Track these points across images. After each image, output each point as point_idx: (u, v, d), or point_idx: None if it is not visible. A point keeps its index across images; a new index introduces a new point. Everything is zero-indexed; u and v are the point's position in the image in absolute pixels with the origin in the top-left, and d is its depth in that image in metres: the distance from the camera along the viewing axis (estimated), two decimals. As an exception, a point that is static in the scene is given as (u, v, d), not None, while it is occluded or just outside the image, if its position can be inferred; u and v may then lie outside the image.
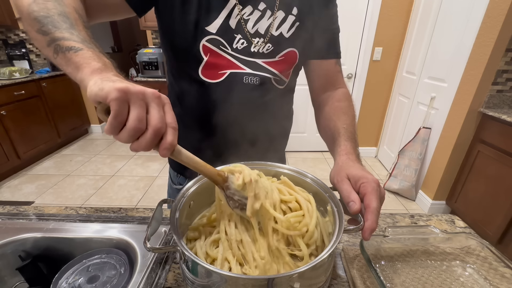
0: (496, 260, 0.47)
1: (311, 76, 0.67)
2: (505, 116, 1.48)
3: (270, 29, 0.56)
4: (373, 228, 0.37)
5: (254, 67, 0.58)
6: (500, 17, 1.49)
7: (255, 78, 0.58)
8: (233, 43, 0.55)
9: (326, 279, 0.37)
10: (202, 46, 0.55)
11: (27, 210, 0.65)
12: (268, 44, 0.57)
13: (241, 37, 0.55)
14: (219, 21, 0.53)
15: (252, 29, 0.56)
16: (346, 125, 0.56)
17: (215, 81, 0.58)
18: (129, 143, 0.29)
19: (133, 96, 0.28)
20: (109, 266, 0.52)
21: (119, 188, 2.34)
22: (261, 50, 0.57)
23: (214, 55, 0.56)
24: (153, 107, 0.29)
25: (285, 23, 0.57)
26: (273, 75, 0.60)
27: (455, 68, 1.79)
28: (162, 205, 0.40)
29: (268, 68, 0.59)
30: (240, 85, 0.58)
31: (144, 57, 2.68)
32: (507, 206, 1.47)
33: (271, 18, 0.56)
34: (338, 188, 0.43)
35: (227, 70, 0.57)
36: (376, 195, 0.39)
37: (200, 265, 0.31)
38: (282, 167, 0.50)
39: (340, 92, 0.65)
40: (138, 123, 0.28)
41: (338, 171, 0.45)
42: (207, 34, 0.54)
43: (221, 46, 0.55)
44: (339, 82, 0.66)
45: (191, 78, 0.59)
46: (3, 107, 2.32)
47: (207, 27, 0.53)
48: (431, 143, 2.03)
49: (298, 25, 0.58)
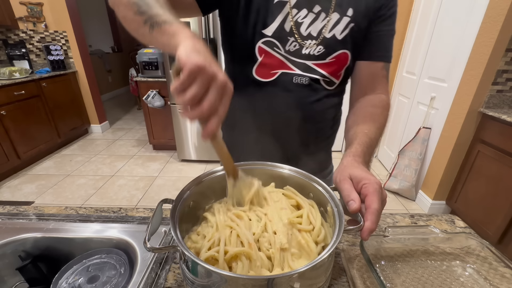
0: (496, 260, 0.47)
1: (354, 77, 0.66)
2: (505, 116, 1.48)
3: (323, 31, 0.57)
4: (372, 229, 0.36)
5: (303, 69, 0.60)
6: (500, 17, 1.49)
7: (304, 79, 0.60)
8: (286, 45, 0.58)
9: (326, 279, 0.37)
10: (258, 47, 0.58)
11: (27, 210, 0.65)
12: (319, 46, 0.58)
13: (294, 39, 0.57)
14: (275, 24, 0.56)
15: (305, 31, 0.57)
16: (367, 131, 0.55)
17: (267, 80, 0.61)
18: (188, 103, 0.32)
19: (204, 75, 0.31)
20: (109, 266, 0.52)
21: (119, 188, 2.34)
22: (311, 52, 0.58)
23: (268, 56, 0.59)
24: (212, 92, 0.32)
25: (339, 24, 0.57)
26: (322, 77, 0.61)
27: (455, 68, 1.79)
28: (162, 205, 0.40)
29: (318, 69, 0.60)
30: (290, 85, 0.61)
31: (144, 57, 2.67)
32: (507, 206, 1.47)
33: (325, 20, 0.57)
34: (339, 187, 0.42)
35: (279, 70, 0.60)
36: (377, 196, 0.39)
37: (200, 265, 0.31)
38: (282, 167, 0.50)
39: (378, 98, 0.63)
40: (191, 99, 0.31)
41: (341, 170, 0.45)
42: (264, 36, 0.57)
43: (275, 47, 0.58)
44: (381, 87, 0.65)
45: (245, 77, 0.62)
46: (3, 107, 2.32)
47: (264, 30, 0.57)
48: (431, 143, 2.03)
49: (353, 26, 0.57)
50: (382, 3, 0.58)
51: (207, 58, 0.32)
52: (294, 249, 0.39)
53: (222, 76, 0.32)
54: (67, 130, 3.12)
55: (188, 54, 0.31)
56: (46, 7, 2.94)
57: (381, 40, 0.61)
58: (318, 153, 0.73)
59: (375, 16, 0.58)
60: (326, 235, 0.41)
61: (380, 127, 0.59)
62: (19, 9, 2.86)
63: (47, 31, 3.05)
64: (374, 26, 0.59)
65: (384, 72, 0.64)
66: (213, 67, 0.31)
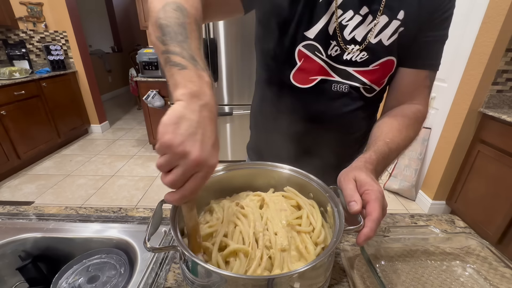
0: (496, 260, 0.47)
1: (394, 83, 0.60)
2: (505, 116, 1.48)
3: (369, 36, 0.53)
4: (369, 236, 0.36)
5: (344, 76, 0.56)
6: (500, 17, 1.49)
7: (344, 86, 0.57)
8: (328, 49, 0.54)
9: (326, 279, 0.37)
10: (298, 51, 0.55)
11: (27, 210, 0.65)
12: (363, 52, 0.54)
13: (336, 43, 0.53)
14: (319, 26, 0.52)
15: (349, 35, 0.53)
16: (389, 140, 0.51)
17: (304, 87, 0.58)
18: None
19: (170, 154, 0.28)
20: (109, 266, 0.52)
21: (119, 188, 2.34)
22: (354, 58, 0.54)
23: (308, 60, 0.55)
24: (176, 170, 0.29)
25: (387, 28, 0.52)
26: (363, 84, 0.57)
27: (455, 68, 1.79)
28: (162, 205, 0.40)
29: (359, 77, 0.56)
30: (328, 92, 0.58)
31: (144, 57, 2.67)
32: (507, 206, 1.47)
33: (371, 24, 0.52)
34: (342, 187, 0.42)
35: (318, 77, 0.57)
36: (379, 204, 0.38)
37: (200, 265, 0.31)
38: (282, 167, 0.50)
39: (414, 108, 0.57)
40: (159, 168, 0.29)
41: (348, 171, 0.44)
42: (305, 39, 0.53)
43: (316, 51, 0.54)
44: (421, 97, 0.58)
45: (281, 82, 0.59)
46: (3, 107, 2.32)
47: (306, 32, 0.53)
48: (431, 143, 2.03)
49: (402, 31, 0.52)
50: (437, 5, 0.51)
51: (184, 133, 0.28)
52: (293, 252, 0.39)
53: (195, 155, 0.28)
54: (67, 130, 3.12)
55: (166, 124, 0.28)
56: (46, 7, 2.94)
57: (430, 46, 0.55)
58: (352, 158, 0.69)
59: (427, 20, 0.52)
60: (326, 236, 0.41)
61: (405, 140, 0.53)
62: (19, 9, 2.86)
63: (47, 31, 3.05)
64: (425, 31, 0.53)
65: (428, 82, 0.58)
66: (185, 145, 0.28)
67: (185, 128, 0.28)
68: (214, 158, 0.30)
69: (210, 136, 0.30)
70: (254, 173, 0.51)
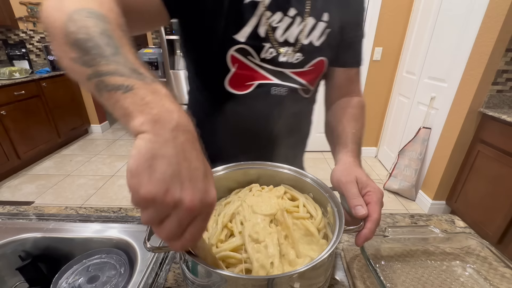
0: (496, 260, 0.47)
1: (331, 82, 0.65)
2: (505, 116, 1.48)
3: (300, 37, 0.54)
4: (369, 237, 0.37)
5: (282, 78, 0.56)
6: (500, 17, 1.49)
7: (283, 89, 0.57)
8: (261, 53, 0.53)
9: (326, 279, 0.37)
10: (231, 56, 0.52)
11: (27, 210, 0.65)
12: (297, 53, 0.55)
13: (270, 46, 0.53)
14: (248, 29, 0.51)
15: (281, 37, 0.53)
16: (355, 130, 0.55)
17: (242, 93, 0.56)
18: None
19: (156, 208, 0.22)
20: (109, 266, 0.52)
21: (119, 188, 2.34)
22: (290, 60, 0.55)
23: (242, 66, 0.54)
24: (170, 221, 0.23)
25: (315, 30, 0.54)
26: (301, 85, 0.58)
27: (455, 68, 1.79)
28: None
29: (296, 78, 0.57)
30: (268, 96, 0.57)
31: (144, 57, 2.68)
32: (507, 206, 1.47)
33: (301, 25, 0.53)
34: (345, 188, 0.42)
35: (255, 81, 0.56)
36: (380, 206, 0.39)
37: (200, 265, 0.31)
38: (282, 167, 0.50)
39: (356, 100, 0.63)
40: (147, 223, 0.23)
41: (347, 170, 0.44)
42: (236, 43, 0.51)
43: (249, 56, 0.53)
44: (356, 91, 0.65)
45: (216, 89, 0.57)
46: (3, 107, 2.32)
47: (235, 35, 0.51)
48: (431, 143, 2.03)
49: (329, 32, 0.55)
50: (353, 9, 0.58)
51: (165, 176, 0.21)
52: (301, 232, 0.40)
53: (188, 202, 0.22)
54: (67, 130, 3.12)
55: (135, 173, 0.21)
56: (46, 7, 2.94)
57: (354, 46, 0.61)
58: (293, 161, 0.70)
59: (347, 21, 0.57)
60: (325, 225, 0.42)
61: (362, 128, 0.58)
62: (19, 9, 2.86)
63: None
64: (347, 32, 0.58)
65: (358, 76, 0.65)
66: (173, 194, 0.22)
67: (163, 170, 0.22)
68: (211, 193, 0.25)
69: (198, 167, 0.24)
70: (254, 173, 0.51)
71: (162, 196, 0.21)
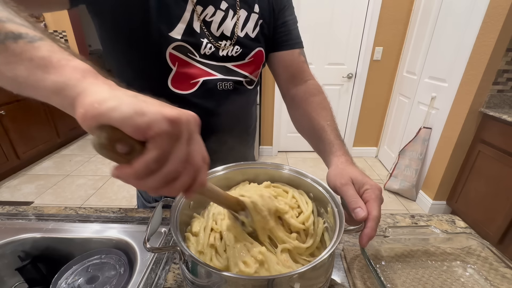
0: (497, 260, 0.47)
1: (275, 70, 0.65)
2: (506, 116, 1.48)
3: (236, 30, 0.55)
4: (372, 236, 0.36)
5: (225, 72, 0.56)
6: (501, 17, 1.48)
7: (229, 83, 0.57)
8: (201, 49, 0.52)
9: (326, 279, 0.37)
10: (169, 54, 0.50)
11: (27, 210, 0.65)
12: (236, 46, 0.56)
13: (208, 41, 0.52)
14: (182, 25, 0.49)
15: (217, 31, 0.53)
16: (329, 122, 0.54)
17: (188, 92, 0.54)
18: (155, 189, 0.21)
19: (184, 128, 0.21)
20: (109, 266, 0.51)
21: (118, 188, 2.34)
22: (229, 53, 0.55)
23: (183, 64, 0.52)
24: (195, 140, 0.23)
25: (249, 22, 0.56)
26: (245, 78, 0.59)
27: (455, 68, 1.79)
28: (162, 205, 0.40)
29: (239, 71, 0.58)
30: (215, 92, 0.56)
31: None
32: (507, 206, 1.47)
33: (234, 18, 0.54)
34: (342, 192, 0.42)
35: (199, 79, 0.54)
36: (379, 203, 0.39)
37: (200, 265, 0.31)
38: (282, 167, 0.50)
39: (311, 85, 0.62)
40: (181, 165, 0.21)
41: (340, 173, 0.44)
42: (172, 40, 0.49)
43: (189, 53, 0.51)
44: (306, 73, 0.64)
45: (158, 91, 0.52)
46: (3, 107, 2.31)
47: (170, 33, 0.49)
48: (432, 143, 2.03)
49: (261, 23, 0.57)
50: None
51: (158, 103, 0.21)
52: None
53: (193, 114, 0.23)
54: (66, 130, 3.11)
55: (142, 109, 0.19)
56: (46, 7, 2.94)
57: (290, 28, 0.61)
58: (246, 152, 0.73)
59: (277, 9, 0.59)
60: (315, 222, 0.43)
61: (332, 112, 0.58)
62: (19, 9, 2.86)
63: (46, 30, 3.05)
64: (280, 18, 0.60)
65: (302, 58, 0.64)
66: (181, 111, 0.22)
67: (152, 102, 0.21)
68: None
69: None
70: (254, 173, 0.51)
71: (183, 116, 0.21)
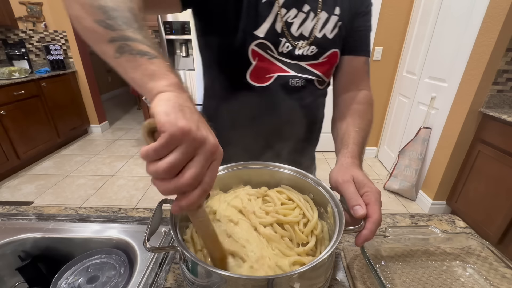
0: (497, 260, 0.47)
1: (337, 72, 0.66)
2: (506, 116, 1.48)
3: (314, 31, 0.57)
4: (369, 238, 0.37)
5: (298, 70, 0.59)
6: (501, 17, 1.48)
7: (300, 81, 0.60)
8: (279, 47, 0.57)
9: (326, 279, 0.37)
10: (251, 50, 0.56)
11: (27, 210, 0.65)
12: (312, 46, 0.58)
13: (286, 40, 0.56)
14: (266, 25, 0.54)
15: (296, 32, 0.57)
16: (358, 129, 0.56)
17: (262, 85, 0.59)
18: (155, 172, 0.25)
19: (189, 142, 0.24)
20: (109, 266, 0.51)
21: (118, 188, 2.34)
22: (305, 52, 0.58)
23: (262, 60, 0.57)
24: (198, 160, 0.25)
25: (328, 23, 0.58)
26: (317, 77, 0.61)
27: (455, 68, 1.79)
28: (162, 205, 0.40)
29: (312, 70, 0.60)
30: (286, 88, 0.60)
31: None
32: (507, 206, 1.47)
33: (314, 20, 0.57)
34: (342, 188, 0.42)
35: (274, 74, 0.58)
36: (379, 206, 0.39)
37: (200, 265, 0.31)
38: (282, 167, 0.50)
39: (362, 94, 0.63)
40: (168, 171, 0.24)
41: (343, 171, 0.45)
42: (256, 38, 0.55)
43: (268, 50, 0.56)
44: (364, 83, 0.65)
45: (238, 82, 0.59)
46: (3, 107, 2.31)
47: (255, 31, 0.54)
48: (432, 143, 2.03)
49: (341, 25, 0.59)
50: (361, 2, 0.60)
51: (193, 119, 0.25)
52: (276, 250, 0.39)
53: (212, 140, 0.26)
54: (66, 130, 3.11)
55: (170, 113, 0.24)
56: (45, 6, 2.94)
57: (362, 35, 0.62)
58: (307, 153, 0.74)
59: (356, 14, 0.60)
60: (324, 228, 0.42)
61: (368, 124, 0.59)
62: (18, 9, 2.86)
63: (46, 31, 3.04)
64: (356, 23, 0.61)
65: (366, 68, 0.65)
66: (202, 131, 0.25)
67: (191, 115, 0.25)
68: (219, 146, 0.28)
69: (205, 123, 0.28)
70: (254, 173, 0.51)
71: (195, 130, 0.25)
